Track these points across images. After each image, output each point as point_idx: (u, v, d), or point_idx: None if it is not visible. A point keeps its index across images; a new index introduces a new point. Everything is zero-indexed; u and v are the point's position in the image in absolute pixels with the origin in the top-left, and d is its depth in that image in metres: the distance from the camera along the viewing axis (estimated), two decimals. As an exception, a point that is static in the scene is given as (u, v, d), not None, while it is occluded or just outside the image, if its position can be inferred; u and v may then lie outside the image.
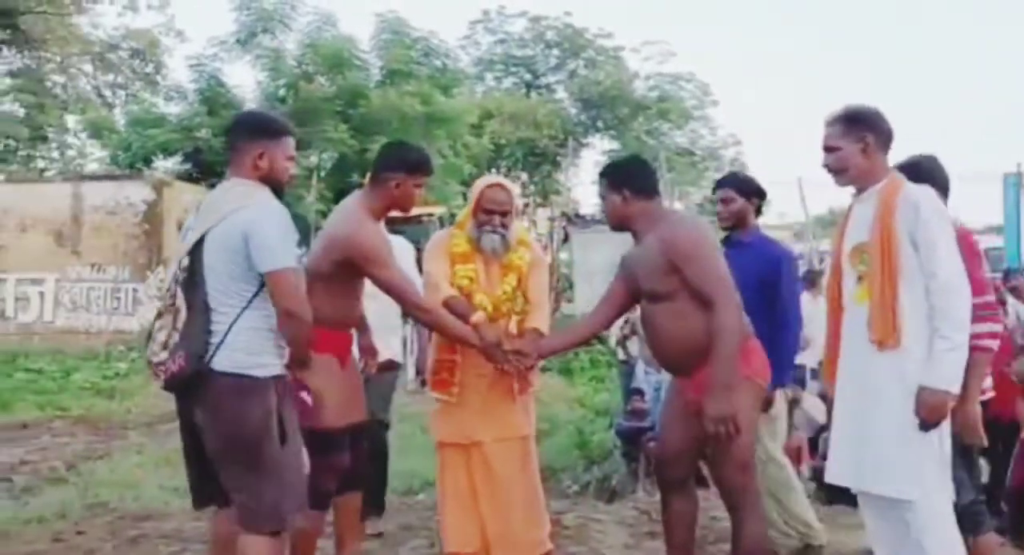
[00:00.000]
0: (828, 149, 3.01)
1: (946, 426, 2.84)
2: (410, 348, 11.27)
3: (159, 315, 2.90)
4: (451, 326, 3.50)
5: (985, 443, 3.24)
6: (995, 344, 3.14)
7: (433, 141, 16.81)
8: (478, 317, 3.57)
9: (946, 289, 2.80)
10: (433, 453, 3.85)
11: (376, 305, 3.81)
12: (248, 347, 2.79)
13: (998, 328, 3.18)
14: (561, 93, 29.15)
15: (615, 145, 28.06)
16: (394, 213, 3.58)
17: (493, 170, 25.28)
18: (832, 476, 3.03)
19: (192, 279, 2.84)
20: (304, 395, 3.13)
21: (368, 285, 3.51)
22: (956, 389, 2.79)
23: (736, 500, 3.20)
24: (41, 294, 14.58)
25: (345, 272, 3.33)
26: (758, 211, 4.09)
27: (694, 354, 3.10)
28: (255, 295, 2.81)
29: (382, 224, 3.56)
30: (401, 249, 4.37)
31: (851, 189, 3.08)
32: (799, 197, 14.24)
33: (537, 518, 3.79)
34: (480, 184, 3.80)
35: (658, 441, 3.45)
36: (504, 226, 3.66)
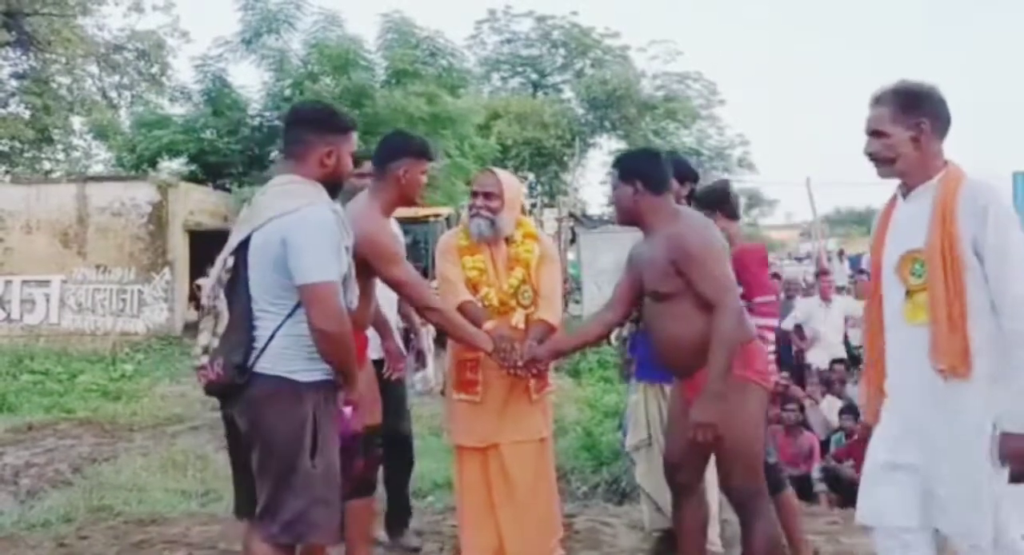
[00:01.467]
0: (874, 134, 2.55)
1: None
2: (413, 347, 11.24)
3: (203, 315, 2.79)
4: (461, 327, 3.45)
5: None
6: (771, 337, 3.70)
7: (439, 141, 16.75)
8: (491, 325, 3.52)
9: (1022, 309, 2.37)
10: (444, 456, 3.79)
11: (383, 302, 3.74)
12: (289, 353, 2.68)
13: (775, 323, 3.74)
14: (568, 93, 29.18)
15: (622, 145, 28.02)
16: (407, 214, 3.52)
17: (499, 170, 25.24)
18: (870, 516, 2.61)
19: (235, 282, 2.73)
20: (346, 409, 2.96)
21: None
22: None
23: (744, 503, 3.14)
24: (47, 296, 14.58)
25: (359, 271, 3.26)
26: (690, 196, 3.94)
27: (695, 356, 3.03)
28: (299, 304, 2.67)
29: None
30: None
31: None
32: (807, 197, 14.16)
33: (551, 524, 3.75)
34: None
35: (665, 445, 3.37)
36: (490, 209, 3.61)
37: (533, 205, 23.06)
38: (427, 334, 4.72)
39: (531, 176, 27.83)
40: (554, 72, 29.25)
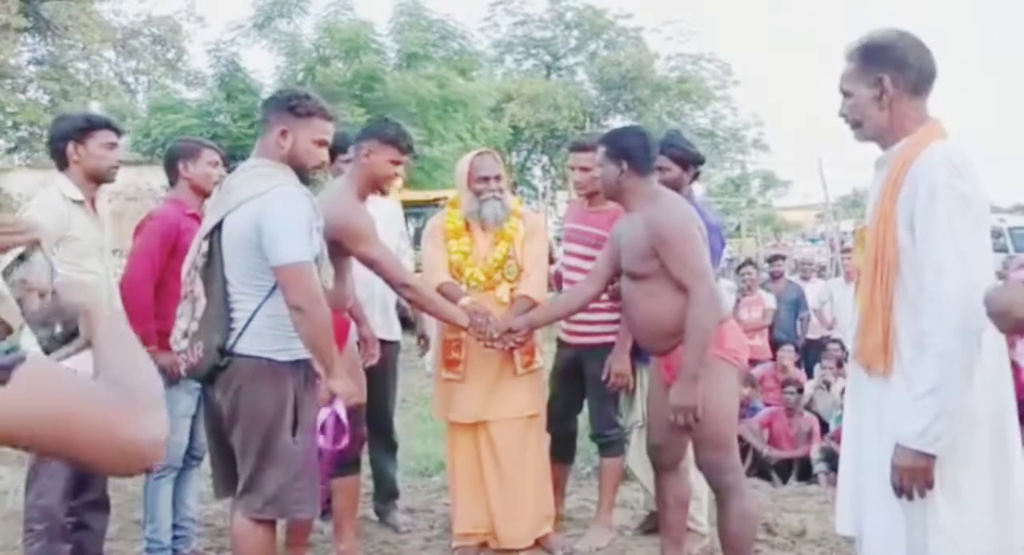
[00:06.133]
0: (843, 93, 2.29)
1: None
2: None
3: (181, 300, 2.85)
4: (435, 304, 3.52)
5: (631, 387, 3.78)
6: None
7: (450, 124, 16.78)
8: (467, 301, 3.58)
9: (933, 302, 2.02)
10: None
11: (380, 282, 3.80)
12: (269, 333, 2.74)
13: None
14: (581, 75, 29.01)
15: (636, 126, 27.83)
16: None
17: (513, 153, 25.24)
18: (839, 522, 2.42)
19: (210, 266, 2.77)
20: (338, 407, 3.00)
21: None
22: (930, 447, 2.02)
23: (717, 480, 3.20)
24: (64, 280, 14.74)
25: (334, 252, 3.31)
26: (695, 177, 3.90)
27: (669, 335, 3.09)
28: (276, 285, 2.72)
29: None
30: (390, 213, 4.20)
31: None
32: (820, 179, 14.05)
33: (541, 502, 3.82)
34: (467, 158, 3.81)
35: (647, 425, 3.43)
36: (501, 191, 3.69)
37: (546, 188, 23.06)
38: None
39: (544, 158, 27.77)
40: (567, 54, 29.07)
